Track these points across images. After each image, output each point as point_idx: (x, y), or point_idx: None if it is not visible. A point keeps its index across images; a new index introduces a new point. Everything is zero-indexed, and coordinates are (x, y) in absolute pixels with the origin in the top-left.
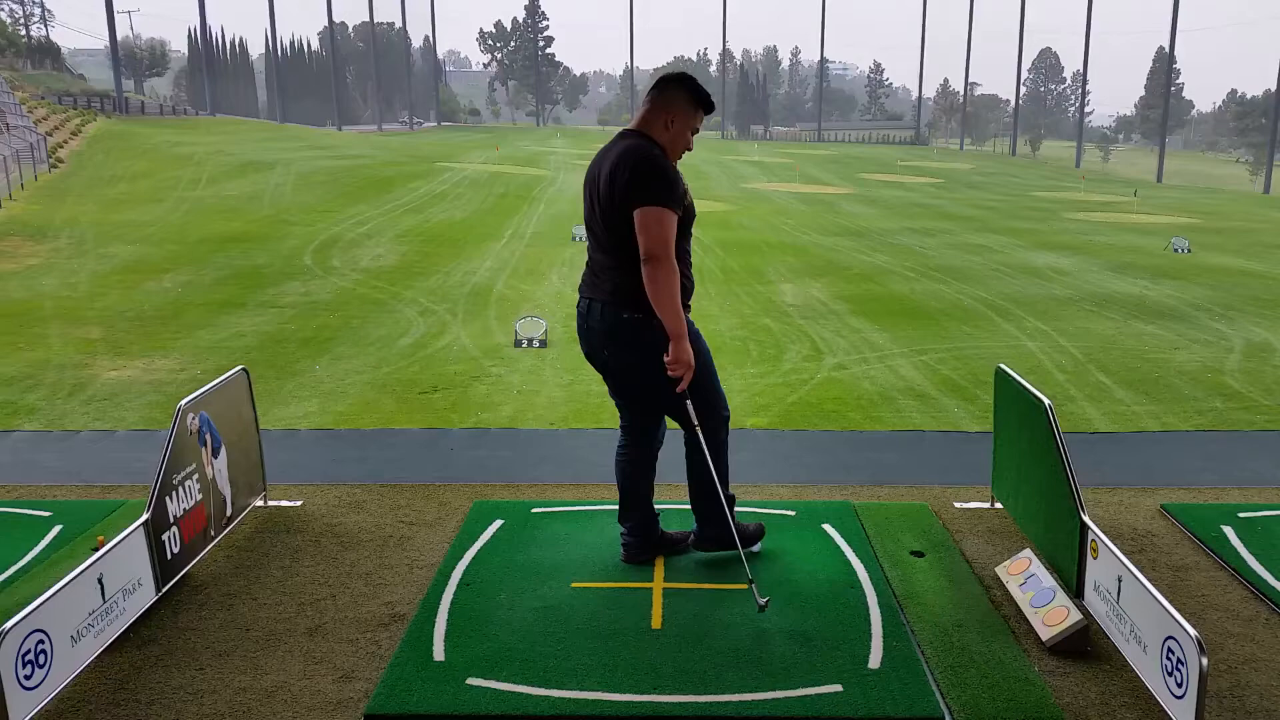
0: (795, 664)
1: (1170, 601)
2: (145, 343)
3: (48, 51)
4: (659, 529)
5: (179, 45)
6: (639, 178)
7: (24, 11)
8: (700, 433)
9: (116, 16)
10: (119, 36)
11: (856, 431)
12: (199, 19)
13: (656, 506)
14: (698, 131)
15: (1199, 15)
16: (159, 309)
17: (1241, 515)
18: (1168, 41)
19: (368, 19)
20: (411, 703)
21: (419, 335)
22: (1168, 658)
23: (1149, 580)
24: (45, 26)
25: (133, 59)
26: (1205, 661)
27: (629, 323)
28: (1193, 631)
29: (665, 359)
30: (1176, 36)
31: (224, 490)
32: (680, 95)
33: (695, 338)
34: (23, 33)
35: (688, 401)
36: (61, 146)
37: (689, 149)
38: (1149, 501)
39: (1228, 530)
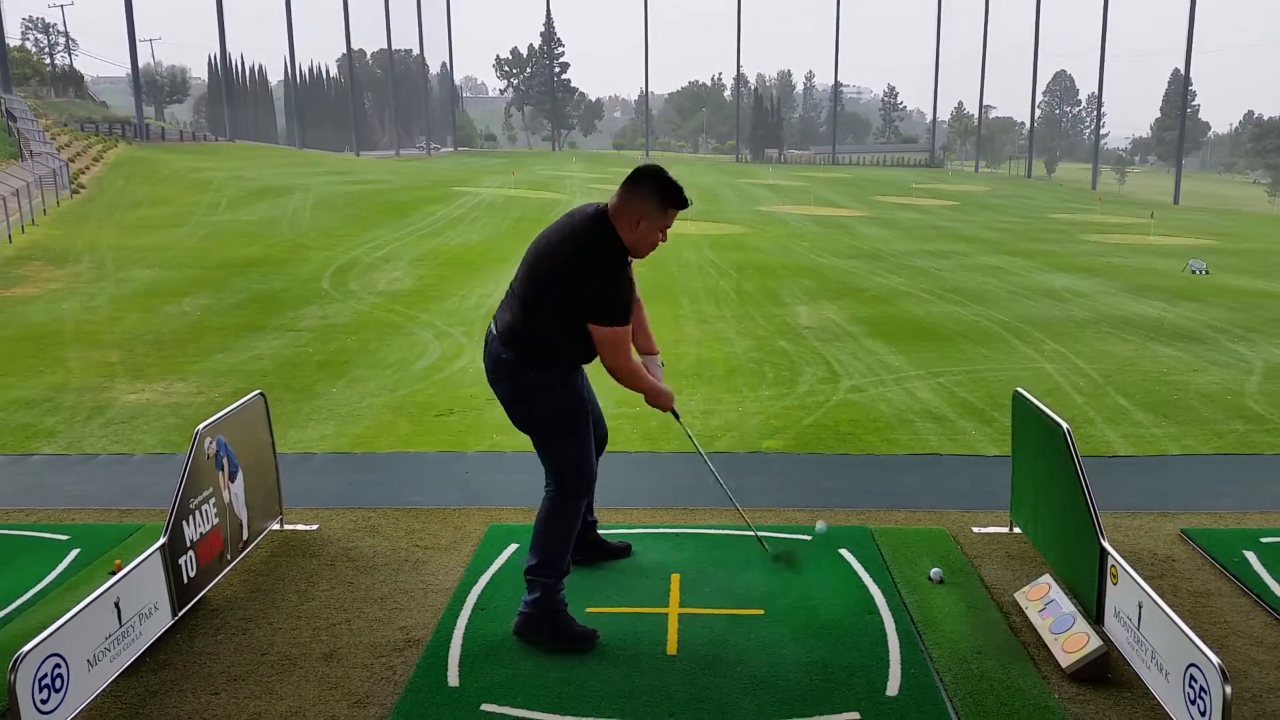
0: (812, 691)
1: (1192, 628)
2: (164, 366)
3: (71, 79)
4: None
5: (199, 72)
6: (596, 296)
7: (49, 40)
8: (551, 495)
9: (139, 45)
10: (141, 64)
11: (873, 455)
12: (219, 47)
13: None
14: (669, 227)
15: (1215, 37)
16: (177, 332)
17: (1264, 540)
18: (1183, 63)
19: (386, 46)
20: None
21: (435, 358)
22: (1190, 685)
23: (1170, 606)
24: (69, 55)
25: (154, 86)
26: (1229, 690)
27: (505, 361)
28: (1216, 659)
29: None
30: (1192, 58)
31: (240, 514)
32: (652, 197)
33: (569, 396)
34: (47, 61)
35: (548, 454)
36: (83, 172)
37: (660, 242)
38: (1169, 526)
39: (1250, 555)
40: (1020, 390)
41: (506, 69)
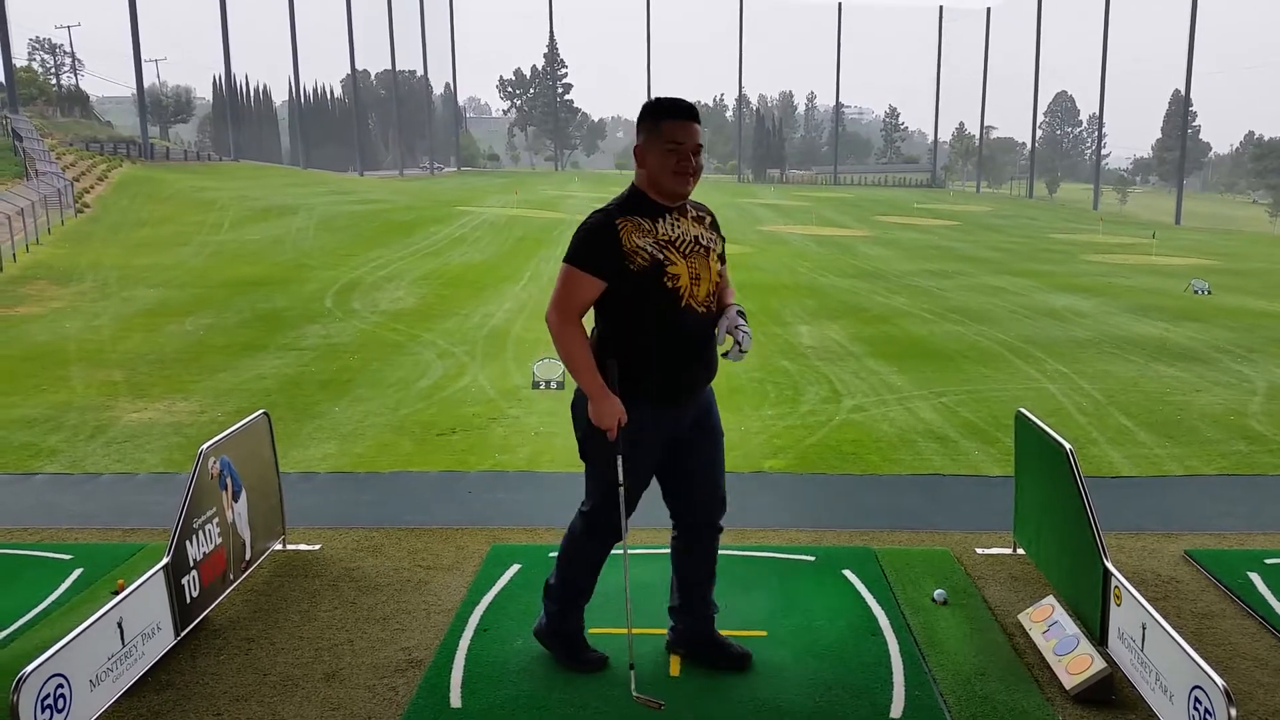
0: (815, 713)
1: (1196, 650)
2: (166, 385)
3: (77, 99)
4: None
5: (204, 92)
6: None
7: (55, 61)
8: (579, 516)
9: (144, 65)
10: (146, 84)
11: (876, 475)
12: (224, 67)
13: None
14: (682, 144)
15: (1215, 58)
16: (180, 351)
17: (1268, 561)
18: (1184, 84)
19: (390, 67)
20: None
21: (437, 377)
22: (1195, 708)
23: (1174, 628)
24: (75, 75)
25: (159, 106)
26: (1234, 712)
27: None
28: (1220, 681)
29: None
30: (1192, 79)
31: (244, 534)
32: (648, 123)
33: (644, 430)
34: (53, 81)
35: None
36: (88, 192)
37: (682, 170)
38: (1173, 547)
39: (1254, 577)
40: (1023, 410)
41: (510, 90)
